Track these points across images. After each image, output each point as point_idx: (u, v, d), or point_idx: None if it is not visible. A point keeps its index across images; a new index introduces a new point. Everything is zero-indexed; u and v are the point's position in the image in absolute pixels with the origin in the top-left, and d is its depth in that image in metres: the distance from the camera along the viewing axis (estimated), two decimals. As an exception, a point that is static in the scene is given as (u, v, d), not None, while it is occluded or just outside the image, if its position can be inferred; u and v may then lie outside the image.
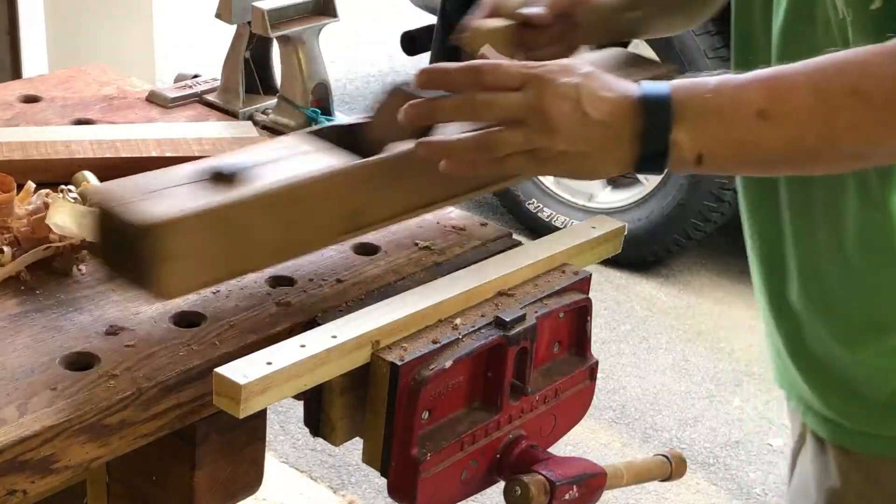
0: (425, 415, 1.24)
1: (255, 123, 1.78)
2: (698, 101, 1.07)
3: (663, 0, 1.47)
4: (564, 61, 1.12)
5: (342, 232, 1.31)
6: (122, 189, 1.19)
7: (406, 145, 1.27)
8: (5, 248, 1.35)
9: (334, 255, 1.45)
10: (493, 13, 1.36)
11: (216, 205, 1.17)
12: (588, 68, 1.10)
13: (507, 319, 1.28)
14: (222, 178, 1.20)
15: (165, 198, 1.18)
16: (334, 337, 1.20)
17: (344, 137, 1.30)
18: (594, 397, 1.46)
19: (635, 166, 1.11)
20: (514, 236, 1.53)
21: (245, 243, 1.22)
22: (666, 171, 1.11)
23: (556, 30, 1.35)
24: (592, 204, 4.08)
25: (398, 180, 1.30)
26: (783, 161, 1.12)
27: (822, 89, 1.07)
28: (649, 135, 1.07)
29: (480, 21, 1.34)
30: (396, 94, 1.27)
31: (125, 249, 1.16)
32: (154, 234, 1.13)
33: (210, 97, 1.84)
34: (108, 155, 1.59)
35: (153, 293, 1.18)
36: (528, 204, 4.12)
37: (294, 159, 1.26)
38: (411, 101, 1.15)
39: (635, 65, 1.49)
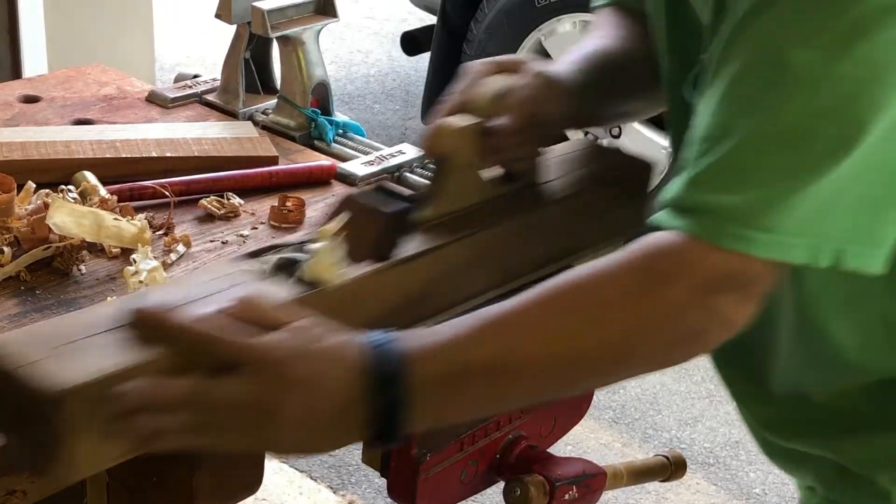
0: (425, 415, 1.24)
1: (255, 123, 1.78)
2: (428, 369, 0.99)
3: (624, 86, 1.40)
4: (296, 335, 0.99)
5: None
6: (30, 340, 0.97)
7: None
8: (5, 248, 1.35)
9: (334, 255, 1.45)
10: (460, 109, 1.28)
11: (141, 362, 0.97)
12: (317, 341, 1.00)
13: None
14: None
15: (82, 352, 0.96)
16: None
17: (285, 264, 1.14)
18: (594, 397, 1.46)
19: (363, 442, 1.04)
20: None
21: None
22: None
23: (523, 131, 1.28)
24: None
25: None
26: (530, 401, 1.10)
27: (550, 333, 1.02)
28: (381, 419, 0.99)
29: (445, 120, 1.26)
30: (343, 205, 1.19)
31: (27, 417, 0.95)
32: (65, 402, 0.92)
33: (210, 97, 1.84)
34: (108, 155, 1.59)
35: (58, 472, 0.95)
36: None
37: (232, 292, 1.06)
38: (121, 387, 0.94)
39: (599, 157, 1.44)
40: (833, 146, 0.99)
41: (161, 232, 1.45)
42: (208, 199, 1.52)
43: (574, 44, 1.42)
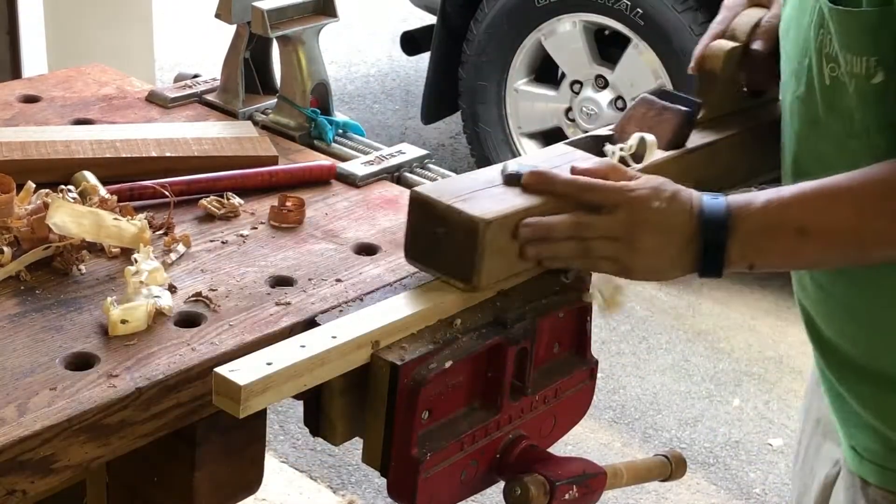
0: (425, 415, 1.24)
1: (255, 123, 1.78)
2: (748, 221, 1.27)
3: None
4: (650, 184, 1.30)
5: None
6: (444, 190, 1.32)
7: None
8: (5, 248, 1.35)
9: (334, 254, 1.45)
10: (722, 36, 1.54)
11: (531, 205, 1.30)
12: (666, 189, 1.30)
13: (508, 319, 1.28)
14: (516, 179, 1.33)
15: (482, 199, 1.30)
16: (334, 337, 1.20)
17: (598, 145, 1.46)
18: (594, 397, 1.46)
19: (696, 273, 1.32)
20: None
21: None
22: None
23: (773, 54, 1.50)
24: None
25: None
26: (824, 265, 1.36)
27: (859, 211, 1.25)
28: (709, 254, 1.28)
29: (715, 42, 1.54)
30: (640, 105, 1.50)
31: (450, 243, 1.28)
32: (486, 229, 1.26)
33: (210, 97, 1.84)
34: (107, 155, 1.59)
35: (471, 283, 1.28)
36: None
37: (577, 161, 1.37)
38: (526, 222, 1.29)
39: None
40: None
41: (161, 232, 1.45)
42: (208, 199, 1.52)
43: (574, 44, 1.47)
